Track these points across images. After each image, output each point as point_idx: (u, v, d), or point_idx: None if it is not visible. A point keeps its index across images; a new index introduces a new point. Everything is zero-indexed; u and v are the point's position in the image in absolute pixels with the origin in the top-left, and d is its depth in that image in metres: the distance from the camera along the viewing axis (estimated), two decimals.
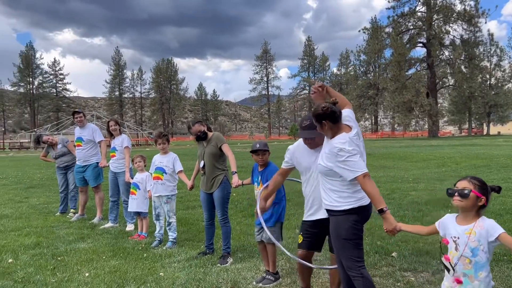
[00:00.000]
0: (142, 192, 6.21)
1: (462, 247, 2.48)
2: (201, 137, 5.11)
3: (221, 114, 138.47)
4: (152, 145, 48.00)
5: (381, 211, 2.82)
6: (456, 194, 2.52)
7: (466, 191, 2.48)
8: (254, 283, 4.17)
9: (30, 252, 5.38)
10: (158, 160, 5.82)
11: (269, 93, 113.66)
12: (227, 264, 4.77)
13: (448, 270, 2.56)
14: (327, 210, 3.18)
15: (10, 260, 5.00)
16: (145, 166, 6.33)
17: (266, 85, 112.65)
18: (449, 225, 2.60)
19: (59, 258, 5.10)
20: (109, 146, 7.01)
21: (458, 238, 2.51)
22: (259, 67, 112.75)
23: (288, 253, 3.55)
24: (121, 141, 6.99)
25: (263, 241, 4.32)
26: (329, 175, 3.06)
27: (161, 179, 5.69)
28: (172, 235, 5.69)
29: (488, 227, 2.45)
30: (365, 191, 2.89)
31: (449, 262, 2.54)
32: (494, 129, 79.98)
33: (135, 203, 6.22)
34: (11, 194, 11.02)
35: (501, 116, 74.79)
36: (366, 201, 3.02)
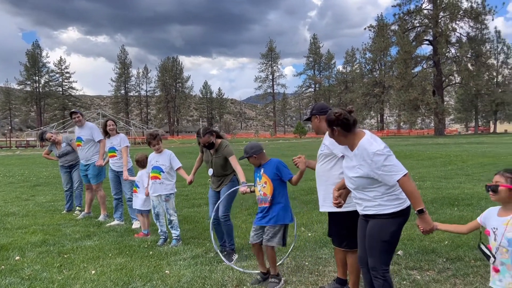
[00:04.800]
0: (142, 190, 6.16)
1: (500, 238, 2.57)
2: (208, 147, 5.15)
3: (226, 112, 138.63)
4: None
5: (421, 211, 2.79)
6: (489, 189, 2.64)
7: (496, 186, 2.60)
8: (249, 284, 4.09)
9: (36, 250, 5.41)
10: (154, 159, 5.69)
11: (275, 91, 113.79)
12: (232, 261, 4.77)
13: (489, 258, 2.64)
14: (368, 215, 3.02)
15: (17, 258, 5.03)
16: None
17: (271, 83, 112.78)
18: (491, 217, 2.69)
19: (65, 256, 5.13)
20: None
21: (497, 229, 2.60)
22: (264, 65, 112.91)
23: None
24: (120, 140, 7.02)
25: (257, 243, 4.16)
26: (370, 184, 2.92)
27: (159, 178, 5.60)
28: (175, 232, 5.65)
29: None
30: (405, 192, 2.81)
31: (490, 251, 2.63)
32: (501, 127, 79.46)
33: (139, 201, 6.21)
34: (17, 192, 11.10)
35: (508, 114, 74.37)
36: (408, 201, 2.91)
